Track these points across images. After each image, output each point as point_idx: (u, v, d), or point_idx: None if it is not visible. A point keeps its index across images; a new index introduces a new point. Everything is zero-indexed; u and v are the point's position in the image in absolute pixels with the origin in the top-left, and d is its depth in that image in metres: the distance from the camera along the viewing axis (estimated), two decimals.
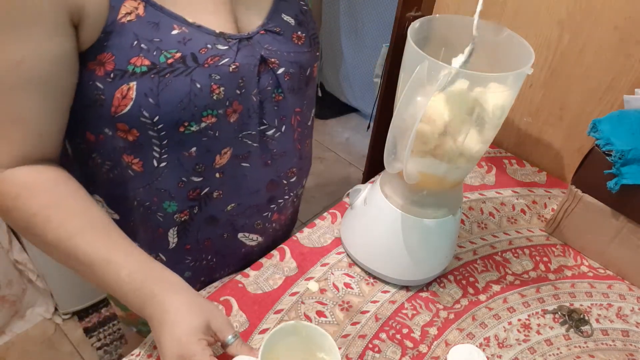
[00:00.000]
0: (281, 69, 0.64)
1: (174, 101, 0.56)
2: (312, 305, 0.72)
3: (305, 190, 0.87)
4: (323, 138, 2.47)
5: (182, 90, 0.56)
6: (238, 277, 0.75)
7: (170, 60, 0.55)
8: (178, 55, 0.55)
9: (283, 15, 0.65)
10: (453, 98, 0.59)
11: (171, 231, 0.69)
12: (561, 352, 0.71)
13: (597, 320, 0.76)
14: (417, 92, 0.56)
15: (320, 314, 0.71)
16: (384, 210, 0.71)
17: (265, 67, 0.63)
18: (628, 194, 0.76)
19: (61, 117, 0.57)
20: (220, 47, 0.58)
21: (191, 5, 0.57)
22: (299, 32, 0.66)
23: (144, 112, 0.56)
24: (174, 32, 0.55)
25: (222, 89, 0.58)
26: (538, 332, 0.73)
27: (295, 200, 0.82)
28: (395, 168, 0.62)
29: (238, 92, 0.60)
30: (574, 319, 0.75)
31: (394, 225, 0.71)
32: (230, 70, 0.59)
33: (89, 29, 0.53)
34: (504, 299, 0.77)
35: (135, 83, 0.54)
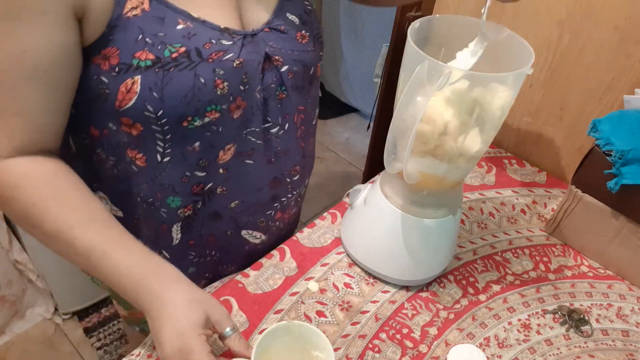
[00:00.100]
0: (285, 67, 0.65)
1: (178, 95, 0.56)
2: (312, 305, 0.72)
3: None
4: (323, 138, 2.47)
5: (186, 84, 0.56)
6: (238, 277, 0.75)
7: (174, 55, 0.55)
8: (182, 49, 0.55)
9: (288, 14, 0.66)
10: (453, 98, 0.59)
11: (175, 227, 0.69)
12: (561, 352, 0.71)
13: (597, 320, 0.76)
14: (417, 92, 0.56)
15: (320, 314, 0.71)
16: (384, 210, 0.71)
17: (270, 64, 0.63)
18: (628, 194, 0.76)
19: (63, 110, 0.57)
20: (225, 42, 0.58)
21: (196, 1, 0.57)
22: (303, 31, 0.66)
23: (148, 106, 0.56)
24: (179, 26, 0.56)
25: (226, 84, 0.59)
26: (538, 332, 0.73)
27: (299, 200, 0.82)
28: (395, 168, 0.62)
29: (242, 87, 0.61)
30: (574, 319, 0.75)
31: (394, 225, 0.71)
32: (234, 65, 0.59)
33: (93, 23, 0.53)
34: (504, 299, 0.77)
35: (139, 77, 0.55)
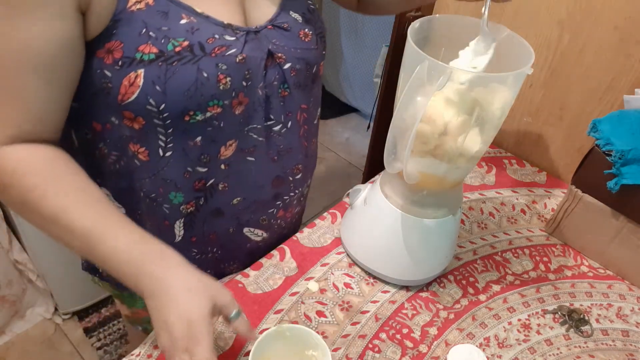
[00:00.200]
0: (288, 64, 0.65)
1: (181, 89, 0.56)
2: (312, 305, 0.72)
3: None
4: (323, 138, 2.47)
5: (189, 78, 0.56)
6: (238, 277, 0.75)
7: (178, 49, 0.55)
8: (186, 43, 0.56)
9: (291, 12, 0.66)
10: (453, 98, 0.59)
11: (177, 223, 0.69)
12: (561, 352, 0.71)
13: (597, 320, 0.76)
14: (417, 92, 0.56)
15: (320, 314, 0.71)
16: (384, 210, 0.71)
17: (272, 61, 0.64)
18: (628, 194, 0.76)
19: (63, 103, 0.57)
20: (228, 37, 0.59)
21: None
22: (306, 30, 0.67)
23: (151, 100, 0.56)
24: (183, 21, 0.56)
25: (228, 79, 0.59)
26: (538, 332, 0.73)
27: (302, 200, 0.82)
28: (395, 168, 0.62)
29: (244, 83, 0.61)
30: (574, 319, 0.75)
31: (394, 225, 0.71)
32: (237, 60, 0.59)
33: (97, 16, 0.53)
34: (504, 299, 0.77)
35: (143, 70, 0.55)
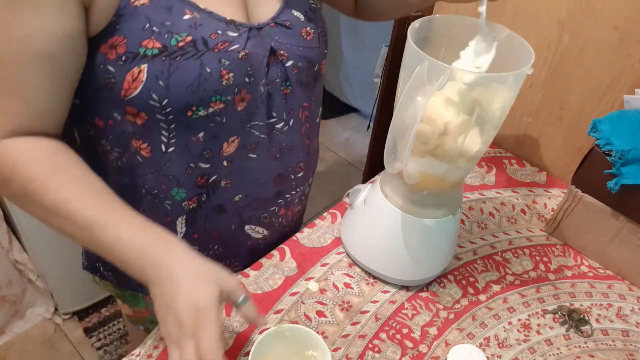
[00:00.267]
0: (290, 62, 0.65)
1: (184, 84, 0.57)
2: (312, 305, 0.72)
3: None
4: (323, 138, 2.47)
5: (192, 73, 0.57)
6: (238, 277, 0.75)
7: (181, 44, 0.55)
8: (189, 38, 0.56)
9: (293, 10, 0.66)
10: (453, 98, 0.59)
11: (179, 220, 0.69)
12: (561, 352, 0.71)
13: (597, 320, 0.76)
14: (417, 92, 0.56)
15: (320, 314, 0.71)
16: (384, 210, 0.71)
17: (275, 58, 0.64)
18: (628, 194, 0.76)
19: (64, 97, 0.57)
20: (231, 33, 0.59)
21: None
22: (308, 28, 0.67)
23: (154, 95, 0.56)
24: (186, 16, 0.56)
25: (231, 74, 0.59)
26: (538, 332, 0.73)
27: (303, 198, 0.83)
28: (395, 168, 0.62)
29: (247, 80, 0.61)
30: (574, 319, 0.75)
31: (394, 225, 0.71)
32: (240, 56, 0.59)
33: (100, 11, 0.53)
34: (504, 299, 0.77)
35: (146, 65, 0.55)
